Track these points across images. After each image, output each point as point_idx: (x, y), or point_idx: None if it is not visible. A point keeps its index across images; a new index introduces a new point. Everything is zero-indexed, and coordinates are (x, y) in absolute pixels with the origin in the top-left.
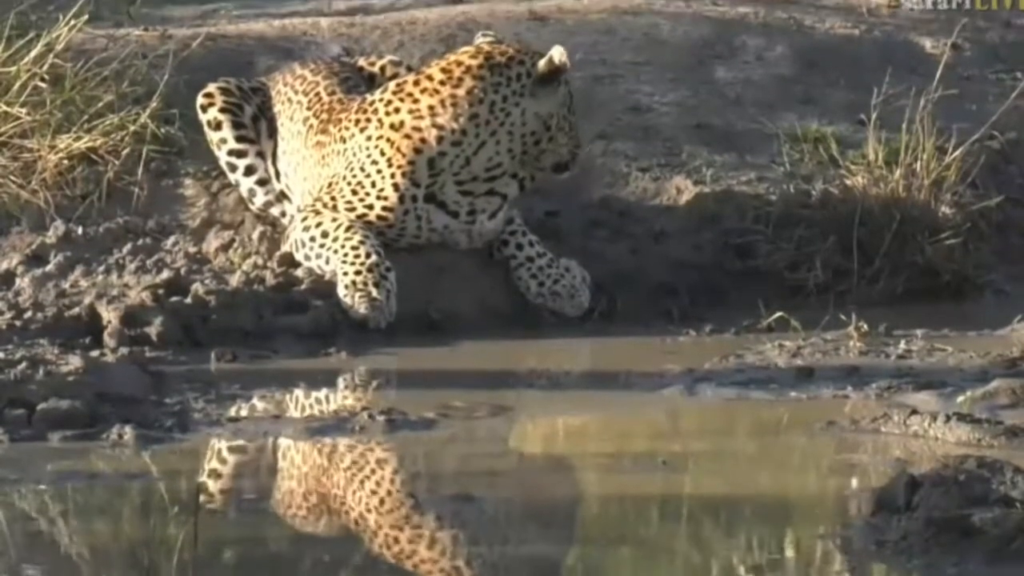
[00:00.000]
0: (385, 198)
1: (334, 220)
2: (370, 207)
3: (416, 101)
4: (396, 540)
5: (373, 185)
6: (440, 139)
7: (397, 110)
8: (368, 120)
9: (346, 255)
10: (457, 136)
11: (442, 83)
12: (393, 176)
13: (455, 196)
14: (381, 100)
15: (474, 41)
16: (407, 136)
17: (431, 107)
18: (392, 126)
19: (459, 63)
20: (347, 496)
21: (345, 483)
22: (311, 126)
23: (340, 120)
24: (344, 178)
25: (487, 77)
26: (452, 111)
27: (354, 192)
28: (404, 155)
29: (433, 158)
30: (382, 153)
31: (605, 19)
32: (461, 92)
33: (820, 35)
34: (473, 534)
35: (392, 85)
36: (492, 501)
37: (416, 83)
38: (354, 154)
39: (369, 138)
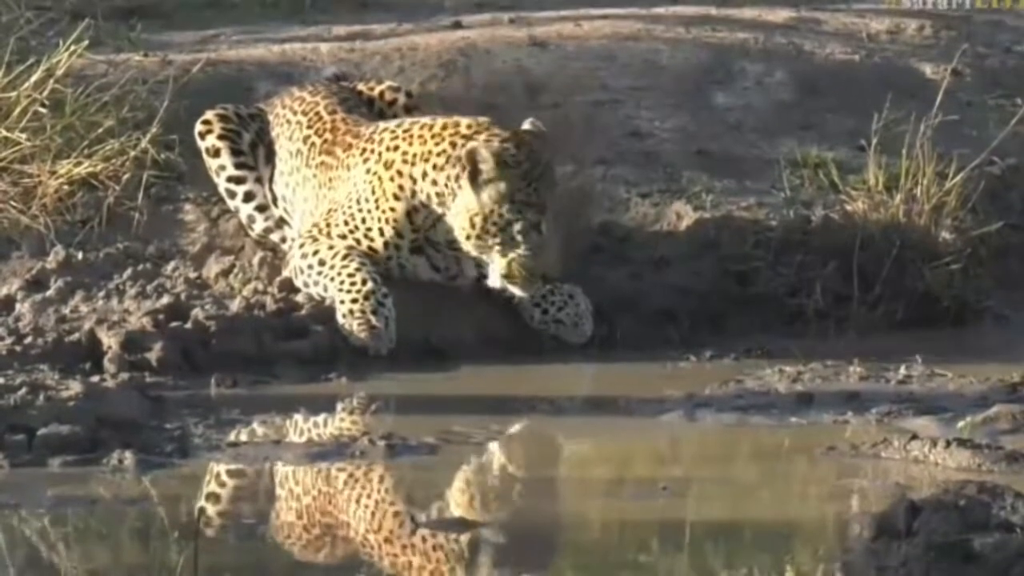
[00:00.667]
0: (371, 239)
1: (331, 248)
2: (358, 241)
3: (410, 144)
4: (395, 566)
5: (363, 221)
6: (413, 193)
7: (396, 148)
8: (372, 151)
9: (342, 283)
10: (424, 197)
11: (432, 136)
12: (379, 220)
13: (433, 252)
14: (388, 130)
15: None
16: (391, 179)
17: (415, 155)
18: (386, 163)
19: (456, 124)
20: (347, 521)
21: (345, 508)
22: (313, 145)
23: (350, 145)
24: (342, 207)
25: (458, 147)
26: (422, 167)
27: (346, 223)
28: (387, 199)
29: (410, 211)
30: (372, 191)
31: (605, 44)
32: (435, 152)
33: (820, 60)
34: (472, 560)
35: (406, 121)
36: (492, 526)
37: (421, 127)
38: (354, 184)
39: (368, 171)
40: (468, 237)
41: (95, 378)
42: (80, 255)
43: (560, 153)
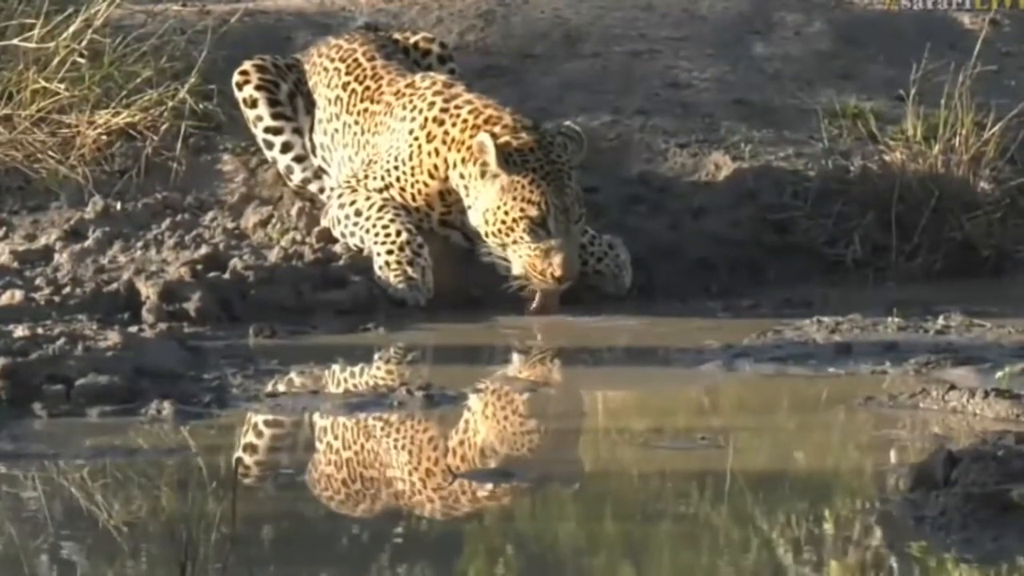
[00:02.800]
0: (405, 200)
1: (367, 199)
2: (392, 196)
3: (454, 124)
4: (432, 516)
5: (397, 180)
6: (446, 177)
7: (441, 123)
8: (419, 111)
9: (377, 234)
10: (453, 184)
11: (472, 126)
12: (412, 186)
13: (463, 228)
14: (439, 93)
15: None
16: (429, 154)
17: (454, 140)
18: (428, 135)
19: (498, 119)
20: (384, 472)
21: (382, 459)
22: (353, 91)
23: (404, 95)
24: (382, 159)
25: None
26: (455, 156)
27: (383, 178)
28: (423, 172)
29: (442, 192)
30: (411, 156)
31: None
32: (466, 144)
33: (858, 10)
34: (511, 510)
35: (461, 95)
36: (531, 477)
37: (469, 111)
38: (397, 139)
39: (411, 132)
40: (487, 234)
41: (133, 328)
42: (118, 205)
43: (599, 107)
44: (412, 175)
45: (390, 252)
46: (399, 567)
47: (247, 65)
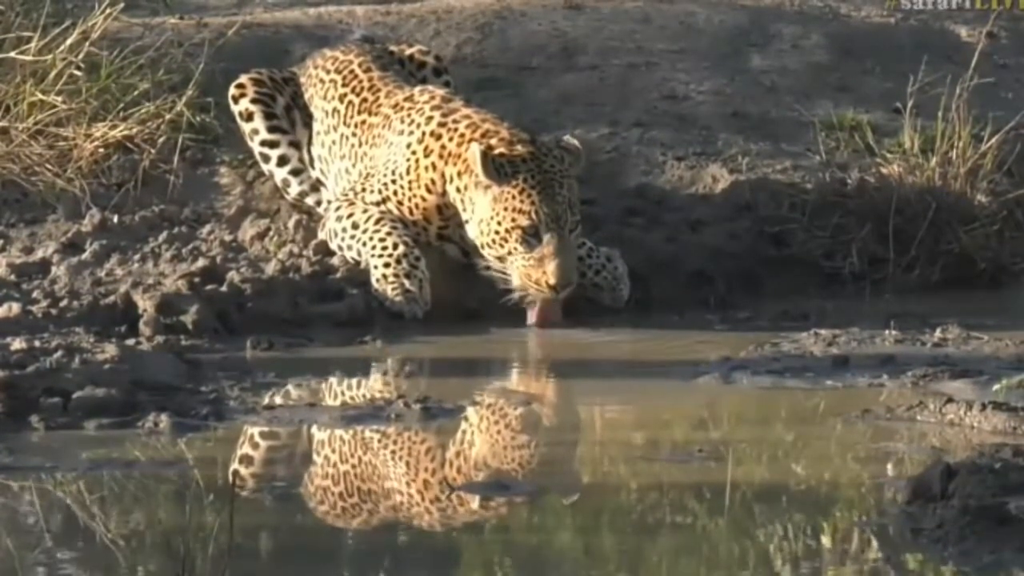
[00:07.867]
0: (402, 213)
1: (364, 212)
2: (390, 210)
3: (451, 139)
4: (430, 528)
5: (395, 194)
6: (444, 192)
7: (438, 137)
8: (417, 127)
9: (375, 247)
10: (450, 199)
11: (468, 141)
12: (409, 200)
13: (461, 243)
14: (438, 112)
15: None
16: (427, 168)
17: (450, 154)
18: (426, 149)
19: (495, 133)
20: (381, 484)
21: (379, 471)
22: (351, 103)
23: (402, 108)
24: (379, 173)
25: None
26: (452, 169)
27: (380, 191)
28: (420, 186)
29: (440, 206)
30: (408, 171)
31: (641, 7)
32: (463, 157)
33: (855, 23)
34: (508, 523)
35: (460, 109)
36: (528, 490)
37: (467, 125)
38: (394, 153)
39: (409, 146)
40: (483, 246)
41: (131, 341)
42: (116, 218)
43: (596, 119)
44: (410, 189)
45: (387, 265)
46: None
47: (243, 78)
